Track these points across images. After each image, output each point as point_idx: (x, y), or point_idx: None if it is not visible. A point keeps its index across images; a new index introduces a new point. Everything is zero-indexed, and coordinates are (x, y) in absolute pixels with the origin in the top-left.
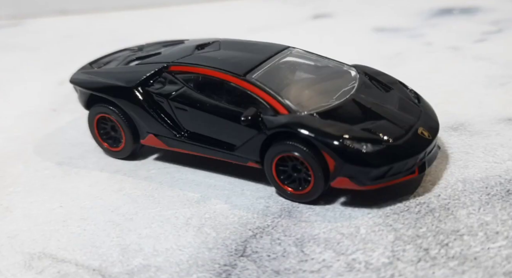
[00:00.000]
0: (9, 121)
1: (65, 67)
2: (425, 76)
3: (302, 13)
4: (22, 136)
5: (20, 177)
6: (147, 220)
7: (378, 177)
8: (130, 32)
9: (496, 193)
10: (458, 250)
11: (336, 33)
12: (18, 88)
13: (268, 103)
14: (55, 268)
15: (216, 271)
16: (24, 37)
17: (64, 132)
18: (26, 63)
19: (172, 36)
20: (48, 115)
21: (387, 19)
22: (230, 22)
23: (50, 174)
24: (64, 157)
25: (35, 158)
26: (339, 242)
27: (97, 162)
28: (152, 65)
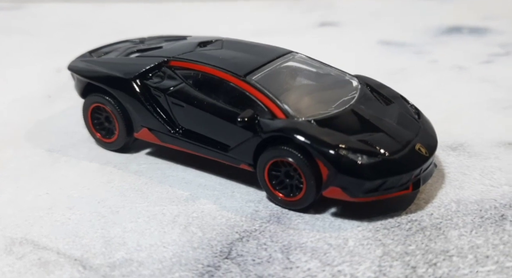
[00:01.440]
0: (3, 106)
1: (64, 55)
2: (427, 93)
3: (308, 20)
4: (15, 122)
5: (9, 162)
6: (133, 214)
7: (371, 190)
8: (133, 24)
9: (490, 216)
10: (446, 270)
11: (341, 42)
12: (15, 72)
13: (266, 106)
14: (36, 255)
15: (199, 271)
16: (24, 21)
17: (57, 120)
18: (25, 48)
19: (174, 32)
20: (43, 102)
21: (394, 33)
22: (235, 23)
23: (39, 161)
24: (55, 145)
25: (26, 144)
26: (326, 253)
27: (88, 152)
28: (153, 58)
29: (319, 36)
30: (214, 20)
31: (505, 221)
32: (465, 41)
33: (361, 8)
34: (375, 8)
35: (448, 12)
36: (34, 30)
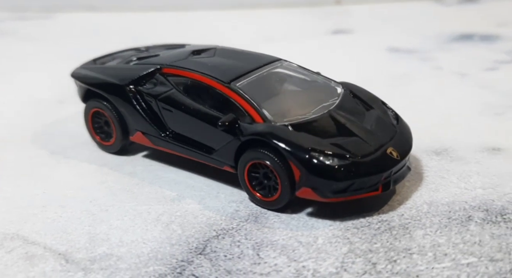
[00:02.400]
0: (16, 108)
1: (79, 62)
2: (425, 99)
3: (322, 27)
4: (24, 124)
5: (12, 161)
6: (120, 213)
7: (340, 190)
8: (150, 33)
9: (457, 217)
10: (404, 267)
11: (350, 50)
12: (31, 77)
13: (247, 111)
14: (24, 249)
15: (172, 266)
16: (50, 30)
17: (64, 123)
18: (46, 55)
19: (189, 40)
20: (53, 106)
21: (405, 40)
22: (249, 30)
23: (41, 161)
24: (58, 147)
25: (31, 145)
26: (295, 250)
27: (89, 155)
28: (147, 66)
29: (330, 43)
30: (229, 28)
31: (471, 222)
32: (475, 48)
33: (376, 15)
34: (390, 14)
35: (463, 19)
36: (56, 38)
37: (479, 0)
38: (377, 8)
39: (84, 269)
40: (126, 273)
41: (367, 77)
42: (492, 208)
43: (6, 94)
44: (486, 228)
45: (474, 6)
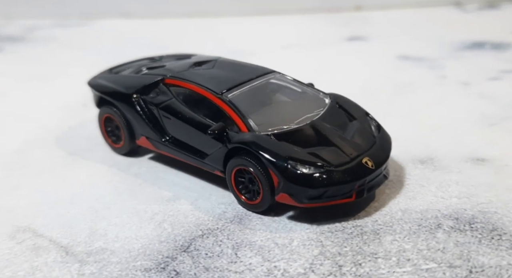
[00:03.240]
0: (47, 111)
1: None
2: (422, 108)
3: (339, 34)
4: (52, 126)
5: (36, 160)
6: (121, 211)
7: (314, 197)
8: (178, 39)
9: (427, 225)
10: (367, 270)
11: (362, 57)
12: (64, 82)
13: (234, 121)
14: (32, 241)
15: (158, 261)
16: (87, 36)
17: (84, 126)
18: (83, 60)
19: (211, 46)
20: (79, 110)
21: (417, 48)
22: (268, 36)
23: (60, 161)
24: (77, 148)
25: (53, 146)
26: (270, 250)
27: (102, 156)
28: (152, 76)
29: (344, 50)
30: (248, 34)
31: (439, 230)
32: (484, 57)
33: (394, 21)
34: (409, 21)
35: (480, 26)
36: (93, 44)
37: (501, 6)
38: (397, 14)
39: (80, 261)
40: (116, 266)
41: (371, 85)
42: (462, 216)
43: (43, 98)
44: (452, 235)
45: (495, 12)
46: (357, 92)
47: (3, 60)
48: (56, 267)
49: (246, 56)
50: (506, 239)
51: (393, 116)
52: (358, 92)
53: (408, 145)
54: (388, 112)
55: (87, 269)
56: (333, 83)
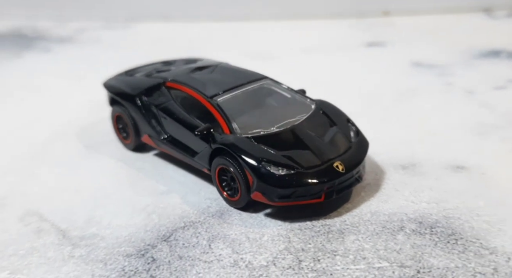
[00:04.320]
0: (75, 107)
1: None
2: (420, 114)
3: (360, 39)
4: (75, 121)
5: (57, 151)
6: (118, 201)
7: (284, 196)
8: (205, 42)
9: (391, 227)
10: (324, 265)
11: (376, 62)
12: (96, 81)
13: (219, 123)
14: (37, 224)
15: (139, 248)
16: (128, 38)
17: (103, 123)
18: (116, 61)
19: (235, 50)
20: (102, 107)
21: (432, 55)
22: (290, 40)
23: (77, 153)
24: (93, 142)
25: (73, 139)
26: (241, 244)
27: (114, 150)
28: (156, 79)
29: (360, 56)
30: (273, 38)
31: (401, 232)
32: (497, 65)
33: (419, 27)
34: (433, 27)
35: (502, 34)
36: (132, 46)
37: None
38: (424, 20)
39: (73, 245)
40: (102, 251)
41: (378, 90)
42: (426, 221)
43: (74, 95)
44: (411, 238)
45: None
46: (362, 97)
47: (49, 60)
48: (52, 248)
49: (266, 59)
50: (461, 243)
51: (388, 121)
52: (363, 97)
53: (395, 149)
54: (385, 117)
55: (77, 252)
56: (340, 88)
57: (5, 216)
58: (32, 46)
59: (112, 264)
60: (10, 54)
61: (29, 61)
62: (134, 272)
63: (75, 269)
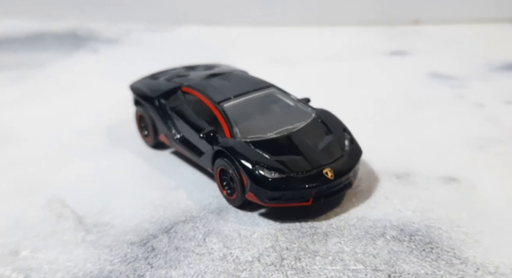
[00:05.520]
0: (109, 105)
1: None
2: (424, 125)
3: (383, 48)
4: (107, 118)
5: (87, 146)
6: (132, 193)
7: (274, 198)
8: (234, 46)
9: (373, 232)
10: (303, 264)
11: (393, 71)
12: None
13: (222, 127)
14: (58, 210)
15: (143, 237)
16: (168, 41)
17: (131, 120)
18: (154, 62)
19: (259, 55)
20: (132, 107)
21: (451, 66)
22: (315, 47)
23: (102, 147)
24: (119, 138)
25: (103, 135)
26: (232, 239)
27: (136, 146)
28: (174, 84)
29: (380, 64)
30: (301, 43)
31: (381, 238)
32: None
33: (446, 36)
34: (460, 37)
35: None
36: (169, 48)
37: None
38: (453, 29)
39: (87, 230)
40: (110, 237)
41: (389, 100)
42: (407, 228)
43: (111, 94)
44: (390, 244)
45: None
46: (371, 105)
47: (95, 59)
48: (68, 233)
49: (289, 65)
50: (436, 252)
51: (391, 130)
52: (372, 105)
53: (392, 158)
54: (388, 126)
55: (89, 237)
56: (352, 95)
57: (34, 201)
58: (83, 46)
59: (117, 250)
60: (63, 53)
61: (78, 60)
62: (134, 259)
63: (84, 252)
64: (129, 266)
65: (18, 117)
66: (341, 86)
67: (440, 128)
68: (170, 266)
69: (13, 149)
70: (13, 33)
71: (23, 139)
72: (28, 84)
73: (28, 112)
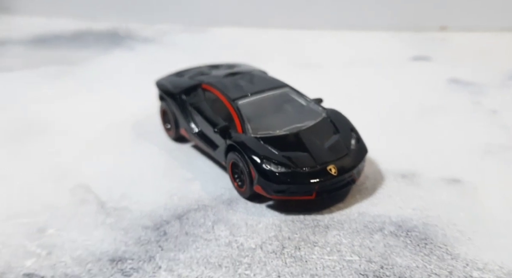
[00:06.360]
0: (138, 101)
1: None
2: (436, 130)
3: (407, 54)
4: (135, 113)
5: (114, 136)
6: (150, 182)
7: (279, 191)
8: (263, 47)
9: (372, 227)
10: (302, 253)
11: (414, 77)
12: None
13: (235, 123)
14: (84, 196)
15: (156, 222)
16: (201, 42)
17: (157, 115)
18: (186, 62)
19: (284, 57)
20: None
21: (473, 73)
22: (339, 50)
23: (129, 139)
24: (145, 131)
25: (129, 128)
26: (239, 228)
27: (159, 140)
28: (195, 81)
29: (402, 70)
30: (326, 47)
31: (379, 232)
32: None
33: (472, 44)
34: (486, 44)
35: None
36: (202, 49)
37: None
38: (479, 37)
39: (107, 214)
40: (127, 221)
41: (405, 104)
42: (405, 225)
43: (141, 90)
44: (386, 239)
45: None
46: (387, 109)
47: (131, 57)
48: (89, 215)
49: (311, 68)
50: (429, 247)
51: (403, 134)
52: (388, 109)
53: (400, 160)
54: (400, 130)
55: (108, 220)
56: (369, 99)
57: (62, 186)
58: (121, 44)
59: (132, 233)
60: (103, 50)
61: (116, 57)
62: (147, 241)
63: (103, 233)
64: (142, 247)
65: (57, 110)
66: (359, 90)
67: (451, 133)
68: (179, 250)
69: (49, 139)
70: (60, 31)
71: (59, 130)
72: (68, 79)
73: (66, 106)
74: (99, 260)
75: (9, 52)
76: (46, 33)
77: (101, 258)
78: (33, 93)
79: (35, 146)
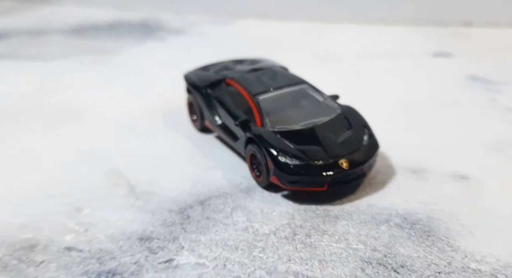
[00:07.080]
0: (170, 90)
1: None
2: (450, 126)
3: (428, 49)
4: (165, 102)
5: (143, 124)
6: (176, 169)
7: (292, 181)
8: (287, 40)
9: (379, 218)
10: (312, 240)
11: (433, 72)
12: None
13: (255, 117)
14: (116, 179)
15: (180, 206)
16: (228, 33)
17: (184, 106)
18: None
19: (305, 50)
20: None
21: (492, 69)
22: (360, 44)
23: (158, 128)
24: (173, 121)
25: (159, 117)
26: (255, 215)
27: (185, 129)
28: (220, 76)
29: (422, 65)
30: (346, 41)
31: (385, 224)
32: None
33: (495, 40)
34: (506, 41)
35: None
36: (228, 41)
37: None
38: (503, 33)
39: (136, 197)
40: (154, 204)
41: (421, 100)
42: (411, 217)
43: (173, 80)
44: (392, 229)
45: None
46: (402, 104)
47: (162, 48)
48: (119, 198)
49: (331, 61)
50: (431, 239)
51: (415, 129)
52: (403, 104)
53: (410, 155)
54: (413, 125)
55: (137, 203)
56: (385, 93)
57: (97, 170)
58: (152, 35)
59: (159, 215)
60: (135, 41)
61: (147, 48)
62: (172, 223)
63: (132, 215)
64: (167, 229)
65: (91, 97)
66: (378, 84)
67: (464, 130)
68: (200, 232)
69: (84, 125)
70: (95, 21)
71: (93, 116)
72: (102, 68)
73: (99, 94)
74: (129, 238)
75: (50, 41)
76: (83, 24)
77: (131, 236)
78: (70, 80)
79: (72, 130)
